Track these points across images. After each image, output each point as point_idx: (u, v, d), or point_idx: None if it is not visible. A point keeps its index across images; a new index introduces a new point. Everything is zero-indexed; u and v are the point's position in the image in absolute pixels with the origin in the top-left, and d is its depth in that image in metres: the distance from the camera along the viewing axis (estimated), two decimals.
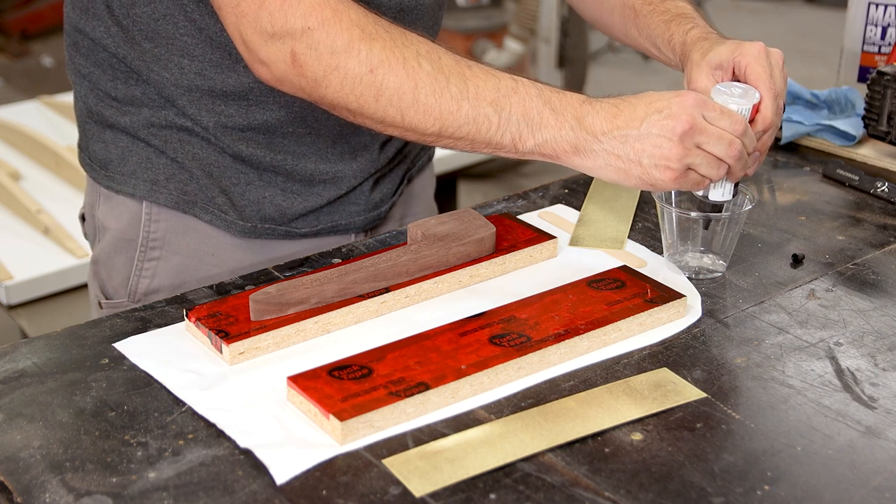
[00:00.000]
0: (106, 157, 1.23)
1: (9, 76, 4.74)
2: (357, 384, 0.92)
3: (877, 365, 1.01)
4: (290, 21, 1.00)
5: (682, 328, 1.06)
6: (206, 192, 1.22)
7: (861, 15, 1.60)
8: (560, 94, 1.04)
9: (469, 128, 1.03)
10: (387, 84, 1.01)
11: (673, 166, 1.03)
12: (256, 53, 1.03)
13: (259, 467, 0.86)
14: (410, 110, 1.02)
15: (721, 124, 1.04)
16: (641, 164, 1.03)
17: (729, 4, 5.76)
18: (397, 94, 1.01)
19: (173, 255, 1.24)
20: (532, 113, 1.03)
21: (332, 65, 1.01)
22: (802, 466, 0.88)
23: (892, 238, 1.26)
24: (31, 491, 0.83)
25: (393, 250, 1.11)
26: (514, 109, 1.03)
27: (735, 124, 1.05)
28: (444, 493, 0.83)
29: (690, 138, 1.02)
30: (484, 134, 1.03)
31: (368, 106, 1.02)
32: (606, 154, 1.03)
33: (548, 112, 1.03)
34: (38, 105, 2.73)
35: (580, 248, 1.21)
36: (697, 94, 1.04)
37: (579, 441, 0.90)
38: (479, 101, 1.02)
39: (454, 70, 1.03)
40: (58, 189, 2.29)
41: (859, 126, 1.49)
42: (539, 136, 1.03)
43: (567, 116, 1.03)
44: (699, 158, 1.04)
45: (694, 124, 1.02)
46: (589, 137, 1.03)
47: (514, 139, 1.03)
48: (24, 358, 1.00)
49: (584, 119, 1.03)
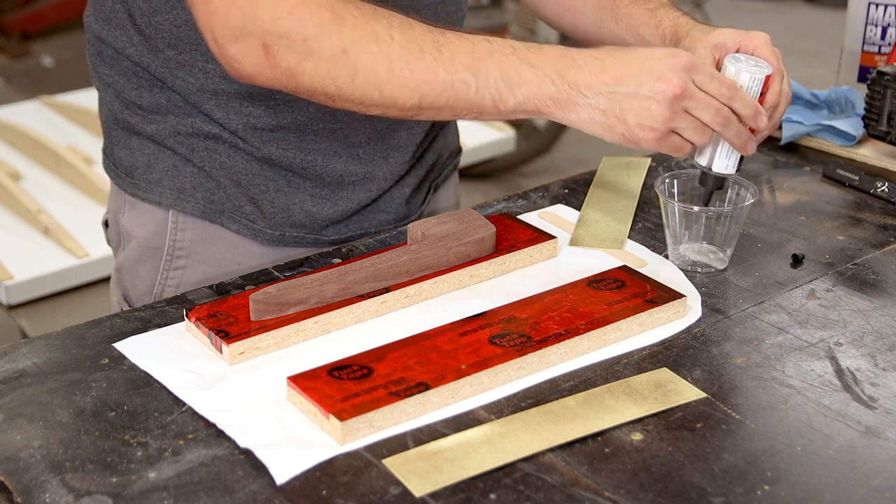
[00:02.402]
0: (132, 165, 1.22)
1: (9, 76, 4.74)
2: (357, 384, 0.92)
3: (877, 365, 1.01)
4: (259, 14, 0.99)
5: (682, 328, 1.06)
6: (233, 200, 1.21)
7: (861, 15, 1.60)
8: (537, 50, 1.04)
9: (448, 95, 1.02)
10: (361, 63, 1.00)
11: (658, 128, 1.03)
12: (228, 50, 1.02)
13: (259, 467, 0.86)
14: (388, 85, 1.01)
15: (711, 88, 1.04)
16: (626, 123, 1.03)
17: (729, 4, 5.76)
18: (373, 72, 1.01)
19: (199, 264, 1.23)
20: (510, 72, 1.02)
21: (305, 52, 1.00)
22: (802, 466, 0.88)
23: (892, 238, 1.26)
24: (31, 491, 0.83)
25: (393, 250, 1.11)
26: (491, 70, 1.02)
27: (725, 89, 1.04)
28: (444, 493, 0.83)
29: (679, 102, 1.02)
30: (464, 99, 1.02)
31: (346, 87, 1.02)
32: (591, 108, 1.03)
33: (526, 68, 1.02)
34: (38, 105, 2.73)
35: (580, 248, 1.21)
36: (689, 56, 1.04)
37: (579, 441, 0.90)
38: (455, 66, 1.01)
39: (427, 38, 1.01)
40: (58, 189, 2.29)
41: (859, 126, 1.49)
42: (519, 93, 1.02)
43: (547, 70, 1.02)
44: (685, 123, 1.04)
45: (685, 89, 1.02)
46: (572, 91, 1.02)
47: (495, 100, 1.02)
48: (24, 358, 1.00)
49: (565, 73, 1.02)
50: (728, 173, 1.14)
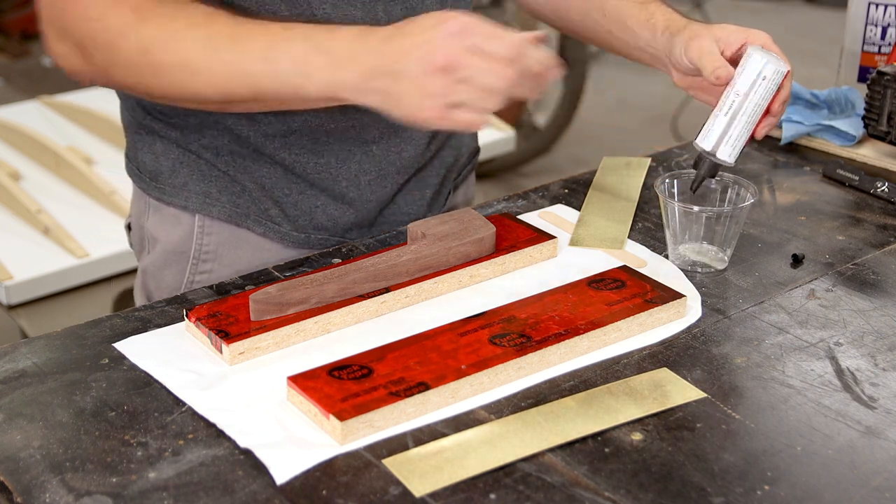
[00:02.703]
0: (156, 169, 1.22)
1: (9, 76, 4.74)
2: (357, 384, 0.92)
3: (877, 365, 1.01)
4: (75, 16, 1.03)
5: (682, 328, 1.06)
6: (258, 204, 1.21)
7: (861, 15, 1.60)
8: (331, 34, 1.00)
9: (249, 88, 1.02)
10: (162, 62, 1.02)
11: (435, 105, 0.95)
12: (55, 49, 1.06)
13: (259, 467, 0.86)
14: (190, 83, 1.02)
15: (490, 48, 0.95)
16: (404, 104, 0.97)
17: (729, 4, 5.76)
18: (173, 70, 1.02)
19: (225, 268, 1.23)
20: (304, 60, 0.99)
21: (111, 52, 1.02)
22: (802, 466, 0.88)
23: (892, 238, 1.26)
24: (31, 491, 0.83)
25: (393, 250, 1.11)
26: (285, 60, 1.00)
27: (508, 47, 0.95)
28: (444, 493, 0.83)
29: (451, 74, 0.94)
30: (267, 91, 1.01)
31: (153, 85, 1.04)
32: (377, 93, 0.98)
33: (319, 56, 0.99)
34: (38, 105, 2.73)
35: (580, 248, 1.21)
36: (461, 19, 0.95)
37: (579, 441, 0.90)
38: (251, 60, 1.00)
39: (225, 34, 1.01)
40: (58, 189, 2.29)
41: (859, 126, 1.49)
42: (316, 81, 0.99)
43: (339, 56, 0.98)
44: (465, 94, 0.95)
45: (452, 59, 0.94)
46: (361, 77, 0.97)
47: (296, 90, 1.01)
48: (24, 358, 1.00)
49: (357, 57, 0.97)
50: (730, 163, 1.14)
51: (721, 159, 1.14)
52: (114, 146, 2.46)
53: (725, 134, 1.13)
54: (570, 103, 3.94)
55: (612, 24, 1.28)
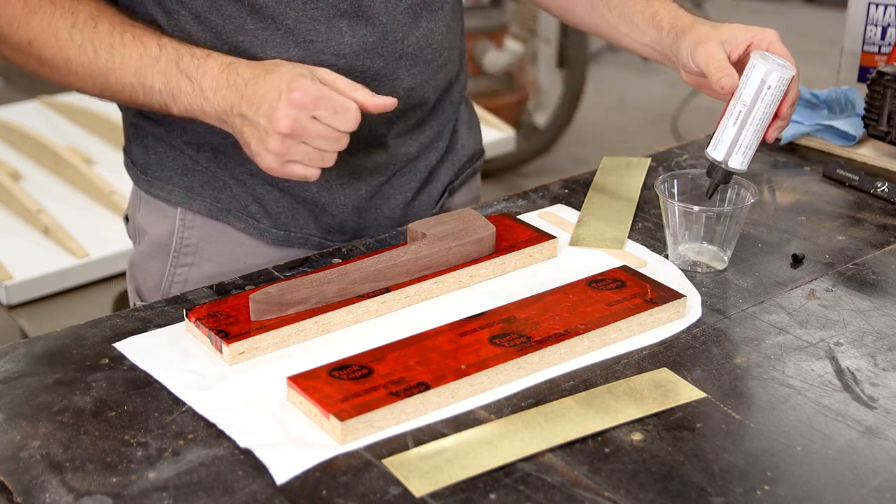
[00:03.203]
0: (145, 162, 1.25)
1: (9, 76, 4.74)
2: (357, 384, 0.92)
3: (877, 365, 1.01)
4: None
5: (682, 328, 1.06)
6: (239, 200, 1.22)
7: (861, 15, 1.60)
8: (198, 63, 1.07)
9: (123, 95, 1.10)
10: (44, 55, 1.09)
11: (274, 160, 1.04)
12: None
13: (259, 467, 0.86)
14: (69, 78, 1.10)
15: (332, 123, 1.03)
16: (250, 148, 1.06)
17: (729, 4, 5.76)
18: (54, 65, 1.09)
19: (206, 262, 1.24)
20: (171, 82, 1.07)
21: (2, 37, 1.10)
22: (802, 466, 0.88)
23: (892, 238, 1.26)
24: (31, 491, 0.83)
25: (393, 250, 1.11)
26: (155, 79, 1.07)
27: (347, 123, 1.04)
28: (444, 493, 0.83)
29: (291, 139, 1.03)
30: (139, 101, 1.10)
31: (39, 72, 1.11)
32: (232, 127, 1.07)
33: (185, 82, 1.06)
34: (38, 105, 2.73)
35: (580, 248, 1.21)
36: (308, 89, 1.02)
37: (579, 441, 0.90)
38: (125, 71, 1.08)
39: (104, 41, 1.07)
40: (58, 189, 2.29)
41: (859, 126, 1.49)
42: (181, 104, 1.07)
43: (203, 86, 1.06)
44: (300, 155, 1.04)
45: (293, 129, 1.02)
46: (220, 110, 1.06)
47: (163, 106, 1.09)
48: (24, 358, 1.00)
49: (219, 91, 1.06)
50: (742, 170, 1.14)
51: (733, 168, 1.14)
52: (114, 146, 2.46)
53: (735, 143, 1.14)
54: (570, 103, 3.94)
55: (617, 20, 1.29)
